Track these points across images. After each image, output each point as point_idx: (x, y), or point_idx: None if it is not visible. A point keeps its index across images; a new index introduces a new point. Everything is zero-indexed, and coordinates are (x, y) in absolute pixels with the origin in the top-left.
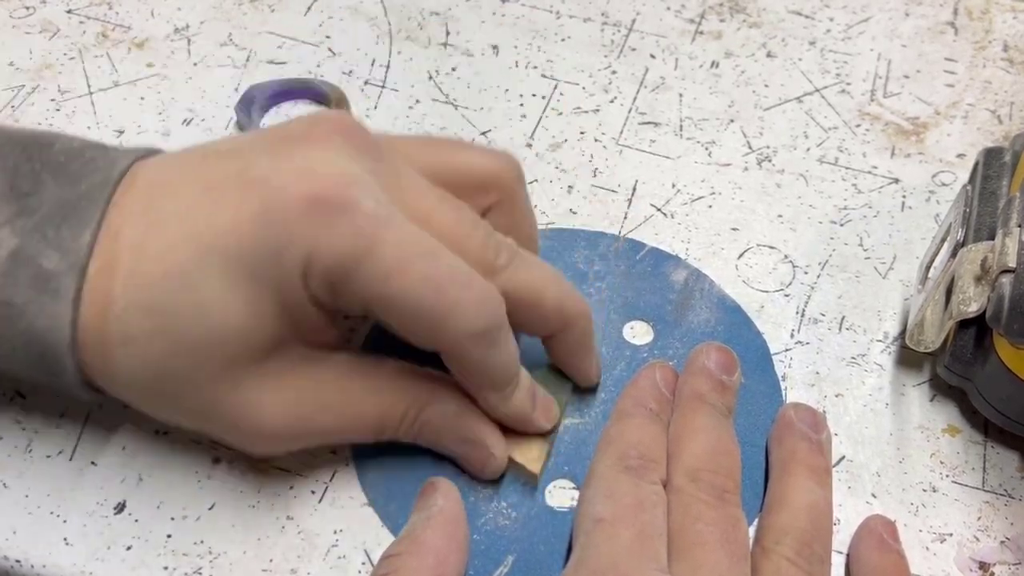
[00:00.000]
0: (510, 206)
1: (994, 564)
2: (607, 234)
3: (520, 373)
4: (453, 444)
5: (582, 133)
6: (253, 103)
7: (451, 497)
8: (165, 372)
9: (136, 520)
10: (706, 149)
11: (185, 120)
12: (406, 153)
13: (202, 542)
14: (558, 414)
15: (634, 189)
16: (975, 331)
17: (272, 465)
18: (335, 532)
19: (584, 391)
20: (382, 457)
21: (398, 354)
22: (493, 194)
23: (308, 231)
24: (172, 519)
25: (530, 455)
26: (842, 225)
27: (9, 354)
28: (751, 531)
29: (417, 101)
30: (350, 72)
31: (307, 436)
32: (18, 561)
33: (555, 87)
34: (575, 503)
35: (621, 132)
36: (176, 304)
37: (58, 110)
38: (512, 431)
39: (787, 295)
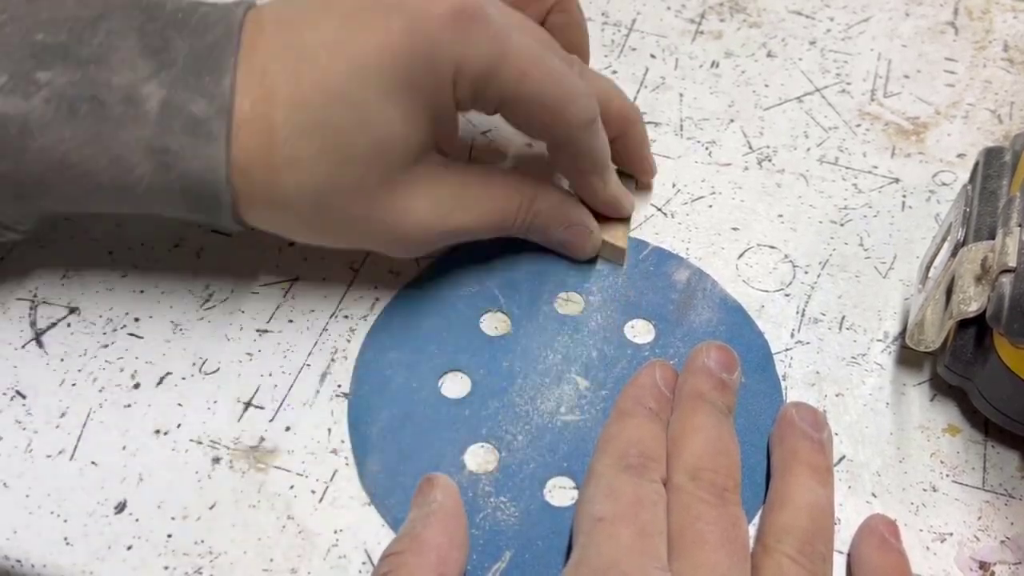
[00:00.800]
0: (567, 4)
1: (994, 564)
2: None
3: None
4: (560, 228)
5: None
6: None
7: (450, 493)
8: (332, 187)
9: (136, 520)
10: (706, 149)
11: None
12: None
13: (202, 542)
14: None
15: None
16: (975, 331)
17: (272, 465)
18: (335, 532)
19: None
20: (382, 452)
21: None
22: (553, 13)
23: (455, 41)
24: (172, 519)
25: (617, 235)
26: (842, 225)
27: (167, 198)
28: (751, 530)
29: None
30: None
31: (447, 234)
32: (18, 561)
33: None
34: (574, 501)
35: None
36: (340, 122)
37: None
38: (600, 220)
39: (787, 295)
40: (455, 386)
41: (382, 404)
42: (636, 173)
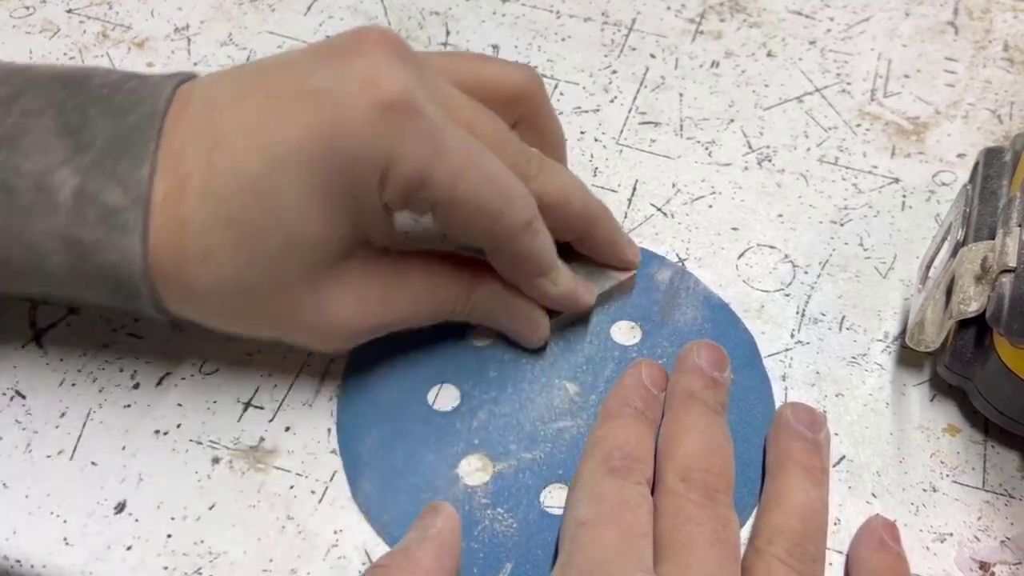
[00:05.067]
0: (536, 118)
1: (994, 564)
2: None
3: (558, 261)
4: (504, 319)
5: (582, 133)
6: None
7: (450, 522)
8: (247, 282)
9: (136, 520)
10: (706, 149)
11: None
12: (438, 67)
13: (202, 542)
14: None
15: (634, 189)
16: (975, 331)
17: (272, 465)
18: (335, 532)
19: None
20: (374, 469)
21: None
22: (520, 108)
23: (382, 139)
24: (172, 519)
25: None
26: (842, 225)
27: (85, 287)
28: (746, 532)
29: None
30: None
31: (375, 329)
32: (18, 561)
33: (555, 87)
34: None
35: (621, 132)
36: (253, 216)
37: None
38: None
39: (787, 295)
40: (445, 398)
41: (372, 420)
42: (616, 264)
